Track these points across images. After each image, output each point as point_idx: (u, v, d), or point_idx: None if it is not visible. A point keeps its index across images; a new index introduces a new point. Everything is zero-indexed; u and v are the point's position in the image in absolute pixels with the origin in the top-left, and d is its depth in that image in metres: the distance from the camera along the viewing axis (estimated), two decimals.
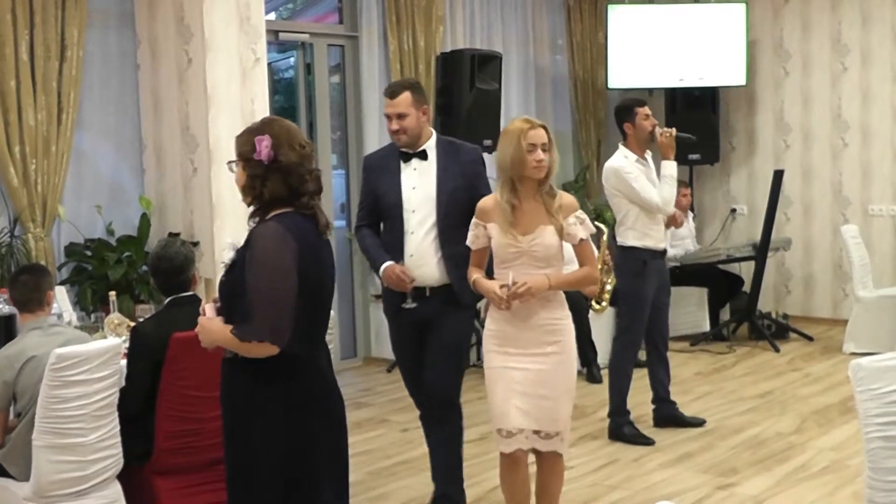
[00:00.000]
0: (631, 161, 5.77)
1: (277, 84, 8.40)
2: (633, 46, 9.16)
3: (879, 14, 8.80)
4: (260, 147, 3.02)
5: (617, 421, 5.94)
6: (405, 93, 4.54)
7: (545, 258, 4.01)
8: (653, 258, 5.78)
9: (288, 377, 3.02)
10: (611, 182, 5.79)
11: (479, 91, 7.61)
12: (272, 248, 2.97)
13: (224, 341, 3.01)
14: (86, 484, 4.04)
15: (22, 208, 5.85)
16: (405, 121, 4.52)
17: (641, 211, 5.71)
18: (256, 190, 3.05)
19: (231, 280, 3.04)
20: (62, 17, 5.94)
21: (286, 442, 3.03)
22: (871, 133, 8.94)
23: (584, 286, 4.38)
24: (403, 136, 4.54)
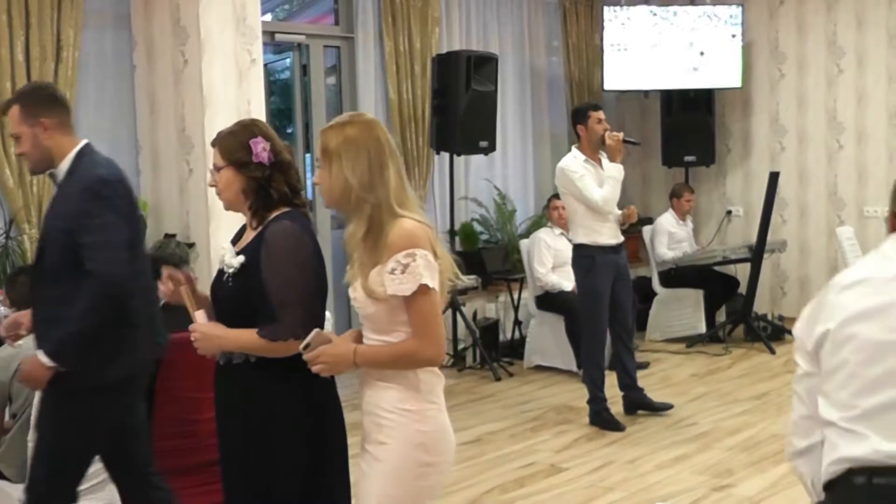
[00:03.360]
0: (579, 161, 6.12)
1: (273, 85, 8.40)
2: (629, 48, 9.17)
3: (874, 16, 8.82)
4: (258, 150, 3.01)
5: (593, 407, 6.22)
6: (13, 108, 3.56)
7: (368, 319, 2.80)
8: (602, 254, 6.10)
9: (307, 376, 2.98)
10: (560, 181, 6.18)
11: (475, 92, 7.62)
12: (294, 247, 2.96)
13: (244, 345, 2.94)
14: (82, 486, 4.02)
15: (17, 209, 5.84)
16: (20, 144, 3.57)
17: (588, 209, 6.04)
18: (262, 193, 3.03)
19: (244, 284, 2.97)
20: (58, 17, 5.94)
21: (307, 442, 3.02)
22: (866, 135, 8.95)
23: (403, 368, 2.75)
24: (28, 163, 3.69)
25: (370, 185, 2.71)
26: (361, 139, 2.74)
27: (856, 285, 2.32)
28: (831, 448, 2.24)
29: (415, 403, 2.73)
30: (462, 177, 8.61)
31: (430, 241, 2.72)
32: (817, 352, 2.40)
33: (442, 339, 2.75)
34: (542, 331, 7.82)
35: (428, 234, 2.73)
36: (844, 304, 2.31)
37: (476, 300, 8.17)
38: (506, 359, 7.88)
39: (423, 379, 2.75)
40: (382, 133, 2.79)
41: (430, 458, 2.72)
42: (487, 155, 8.17)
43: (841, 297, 2.33)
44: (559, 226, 7.76)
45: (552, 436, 6.11)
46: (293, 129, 7.99)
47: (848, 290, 2.33)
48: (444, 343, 2.76)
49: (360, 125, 2.78)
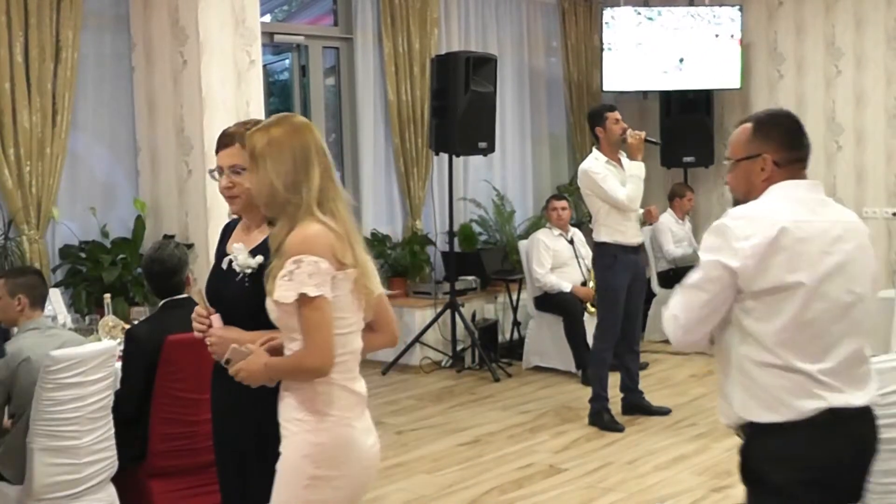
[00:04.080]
0: (601, 162, 6.19)
1: (272, 86, 8.40)
2: (628, 49, 9.17)
3: (873, 17, 8.82)
4: None
5: (594, 406, 6.25)
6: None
7: (276, 325, 2.74)
8: (623, 253, 6.20)
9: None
10: (583, 182, 6.26)
11: (474, 93, 7.62)
12: None
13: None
14: (80, 487, 4.04)
15: (16, 210, 5.84)
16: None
17: (612, 209, 6.15)
18: None
19: (262, 285, 2.79)
20: (57, 18, 5.94)
21: None
22: (865, 136, 8.96)
23: (296, 379, 2.69)
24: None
25: (294, 186, 2.66)
26: (286, 140, 2.69)
27: (812, 240, 2.55)
28: (808, 395, 2.52)
29: (307, 414, 2.66)
30: (461, 178, 8.62)
31: (334, 247, 2.62)
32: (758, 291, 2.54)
33: (327, 349, 2.61)
34: (540, 332, 7.82)
35: (332, 240, 2.63)
36: (812, 261, 2.53)
37: (475, 301, 8.17)
38: (504, 360, 7.88)
39: (319, 391, 2.66)
40: (310, 134, 2.74)
41: (320, 471, 2.64)
42: (486, 156, 8.17)
43: (805, 249, 2.54)
44: (558, 227, 7.76)
45: (551, 436, 6.11)
46: None
47: (805, 242, 2.54)
48: (331, 353, 2.61)
49: (286, 126, 2.73)
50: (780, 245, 2.53)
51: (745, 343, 2.60)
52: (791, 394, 2.54)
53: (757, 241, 2.52)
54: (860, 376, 2.63)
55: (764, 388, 2.57)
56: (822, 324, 2.57)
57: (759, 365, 2.57)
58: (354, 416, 2.70)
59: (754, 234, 2.53)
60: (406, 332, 7.84)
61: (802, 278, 2.53)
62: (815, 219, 2.62)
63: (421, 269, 8.17)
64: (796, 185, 2.69)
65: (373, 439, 2.77)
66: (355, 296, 2.68)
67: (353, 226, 2.72)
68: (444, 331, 7.88)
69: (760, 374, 2.57)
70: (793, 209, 2.61)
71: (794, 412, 2.53)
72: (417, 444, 6.01)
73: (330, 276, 2.60)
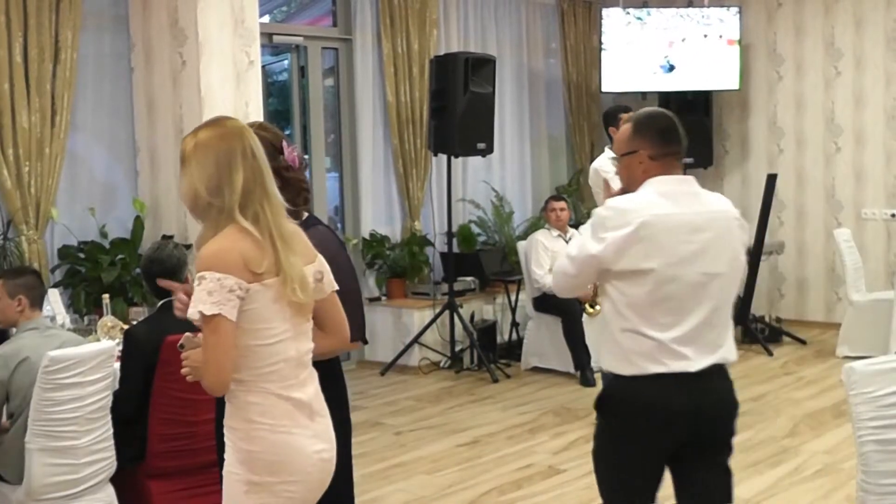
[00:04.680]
0: (612, 161, 6.00)
1: (271, 87, 8.40)
2: (627, 50, 9.17)
3: (872, 18, 8.83)
4: (288, 152, 3.01)
5: None
6: None
7: None
8: None
9: (339, 375, 3.08)
10: (593, 180, 6.15)
11: (473, 94, 7.62)
12: (338, 250, 3.01)
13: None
14: (79, 487, 4.03)
15: (15, 210, 5.83)
16: None
17: None
18: (301, 196, 3.03)
19: None
20: (56, 19, 5.93)
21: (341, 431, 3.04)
22: (864, 137, 8.96)
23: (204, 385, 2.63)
24: None
25: (217, 190, 2.61)
26: (211, 144, 2.64)
27: (670, 231, 2.96)
28: (653, 359, 2.96)
29: (240, 423, 2.66)
30: (460, 178, 8.62)
31: (246, 259, 2.57)
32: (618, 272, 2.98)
33: (218, 370, 2.55)
34: (539, 332, 7.82)
35: (244, 251, 2.57)
36: (666, 249, 2.95)
37: (473, 302, 8.17)
38: (503, 360, 7.88)
39: (251, 400, 2.64)
40: (240, 139, 2.66)
41: (258, 477, 2.63)
42: (485, 157, 8.17)
43: (663, 239, 2.95)
44: (557, 227, 7.76)
45: (550, 437, 6.11)
46: (291, 131, 7.99)
47: (663, 233, 2.95)
48: (223, 375, 2.56)
49: (215, 130, 2.68)
50: (638, 236, 2.94)
51: (612, 309, 3.04)
52: (643, 356, 2.97)
53: (618, 234, 2.95)
54: (712, 340, 3.04)
55: (622, 347, 3.02)
56: (674, 301, 2.97)
57: (620, 329, 3.01)
58: (293, 423, 2.66)
59: (618, 226, 2.95)
60: (405, 332, 7.84)
61: (654, 265, 2.94)
62: (676, 211, 3.01)
63: (420, 270, 8.17)
64: (667, 180, 3.07)
65: (321, 445, 2.72)
66: (282, 304, 2.63)
67: (285, 231, 2.66)
68: (443, 331, 7.88)
69: (621, 337, 3.02)
70: (659, 203, 3.00)
71: (640, 370, 2.98)
72: (416, 445, 6.01)
73: (236, 293, 2.54)
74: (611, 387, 3.11)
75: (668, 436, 3.04)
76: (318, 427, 2.72)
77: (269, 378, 2.64)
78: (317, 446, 2.70)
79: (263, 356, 2.63)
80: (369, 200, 8.14)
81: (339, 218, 8.27)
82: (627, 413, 3.04)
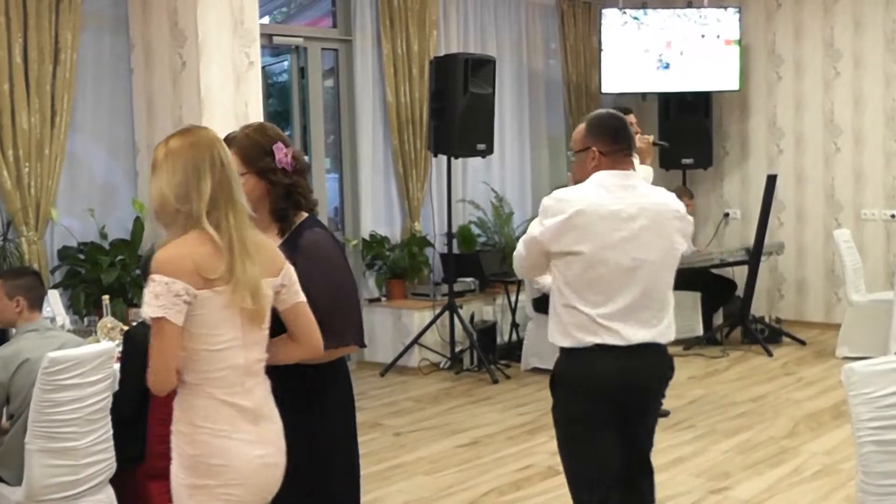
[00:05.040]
0: None
1: (271, 88, 8.40)
2: (627, 51, 9.18)
3: (872, 19, 8.83)
4: (280, 155, 3.01)
5: None
6: None
7: None
8: None
9: (346, 376, 3.11)
10: None
11: (473, 95, 7.62)
12: (334, 252, 3.02)
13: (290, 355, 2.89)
14: (78, 488, 4.04)
15: (15, 211, 5.84)
16: None
17: None
18: (291, 200, 3.04)
19: None
20: (56, 20, 5.94)
21: (348, 431, 3.14)
22: (864, 138, 8.96)
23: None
24: None
25: (184, 197, 2.66)
26: (181, 152, 2.69)
27: (603, 219, 3.31)
28: (587, 331, 3.34)
29: (184, 426, 2.70)
30: (459, 179, 8.62)
31: (199, 266, 2.61)
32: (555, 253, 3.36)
33: (160, 374, 2.62)
34: (539, 333, 7.81)
35: (198, 258, 2.62)
36: (597, 235, 3.31)
37: (473, 303, 8.18)
38: (503, 361, 7.88)
39: (195, 404, 2.68)
40: (209, 148, 2.70)
41: (199, 480, 2.68)
42: (485, 157, 8.17)
43: (595, 226, 3.31)
44: None
45: (549, 438, 6.08)
46: (291, 132, 7.99)
47: (595, 221, 3.31)
48: (165, 378, 2.63)
49: (185, 139, 2.72)
50: (572, 223, 3.31)
51: (554, 287, 3.43)
52: (577, 328, 3.36)
53: (556, 220, 3.33)
54: (646, 320, 3.38)
55: (561, 320, 3.41)
56: (604, 282, 3.32)
57: (560, 304, 3.40)
58: (234, 428, 2.69)
59: (556, 213, 3.34)
60: (405, 333, 7.85)
61: (585, 248, 3.30)
62: (610, 202, 3.35)
63: (419, 271, 8.17)
64: (609, 174, 3.41)
65: (263, 450, 2.74)
66: (233, 311, 2.66)
67: (247, 240, 2.69)
68: (443, 332, 7.88)
69: (562, 311, 3.40)
70: (596, 193, 3.36)
71: (577, 342, 3.36)
72: (416, 446, 6.01)
73: (182, 298, 2.58)
74: (562, 361, 3.48)
75: (603, 399, 3.39)
76: (262, 432, 2.74)
77: (214, 383, 2.68)
78: (258, 451, 2.72)
79: (210, 361, 2.67)
80: (369, 201, 8.14)
81: (339, 219, 8.27)
82: (571, 379, 3.43)
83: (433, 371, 7.80)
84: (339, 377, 3.11)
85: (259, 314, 2.70)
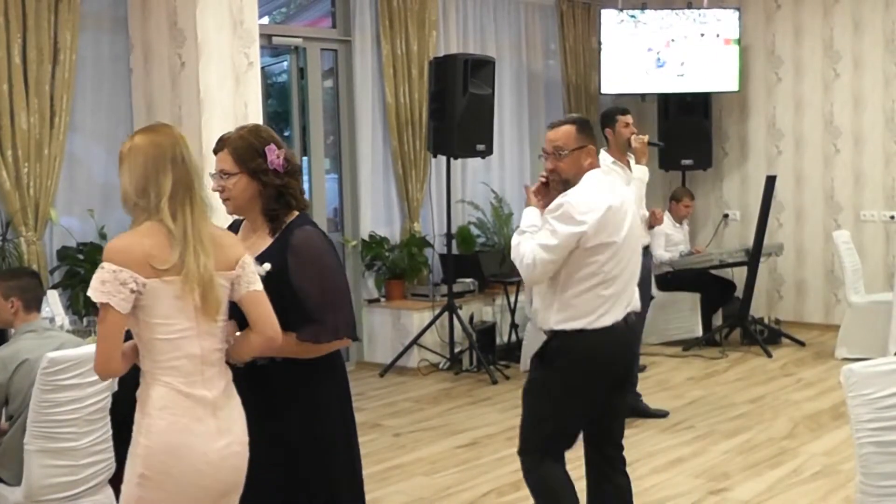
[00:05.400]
0: (607, 163, 6.08)
1: (270, 88, 8.40)
2: (626, 51, 9.18)
3: (871, 20, 8.83)
4: (272, 157, 3.05)
5: None
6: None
7: None
8: None
9: (341, 368, 3.16)
10: None
11: (473, 96, 7.62)
12: (325, 249, 3.07)
13: (280, 349, 2.95)
14: (78, 488, 4.04)
15: (14, 212, 5.83)
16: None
17: None
18: (282, 200, 3.08)
19: (272, 290, 2.92)
20: (55, 20, 5.93)
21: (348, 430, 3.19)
22: (863, 139, 8.96)
23: None
24: None
25: (143, 192, 2.73)
26: (143, 148, 2.76)
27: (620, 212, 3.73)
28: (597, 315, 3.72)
29: (141, 416, 2.75)
30: (459, 180, 8.62)
31: (150, 256, 2.68)
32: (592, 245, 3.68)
33: (103, 359, 2.69)
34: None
35: (148, 248, 2.68)
36: (619, 227, 3.71)
37: (473, 303, 8.18)
38: (502, 362, 7.88)
39: (151, 394, 2.73)
40: (173, 145, 2.79)
41: (148, 471, 2.71)
42: (484, 158, 8.17)
43: (616, 219, 3.71)
44: None
45: None
46: (290, 133, 7.99)
47: (617, 213, 3.71)
48: (108, 364, 2.70)
49: (149, 136, 2.80)
50: (607, 218, 3.67)
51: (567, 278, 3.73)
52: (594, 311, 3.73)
53: (595, 216, 3.65)
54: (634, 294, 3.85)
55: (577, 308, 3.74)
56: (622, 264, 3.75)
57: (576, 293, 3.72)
58: (192, 419, 2.73)
59: (592, 210, 3.66)
60: (404, 334, 7.85)
61: (617, 238, 3.70)
62: (623, 195, 3.85)
63: (419, 272, 8.17)
64: (599, 172, 3.84)
65: (222, 443, 2.78)
66: (186, 302, 2.71)
67: (203, 234, 2.75)
68: (442, 333, 7.88)
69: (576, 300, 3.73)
70: (610, 189, 3.81)
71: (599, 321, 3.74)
72: (415, 446, 6.01)
73: (129, 286, 2.64)
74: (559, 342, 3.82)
75: (610, 372, 3.83)
76: (221, 423, 2.78)
77: (170, 373, 2.73)
78: (219, 442, 2.77)
79: (165, 350, 2.72)
80: (368, 202, 8.14)
81: (339, 219, 8.27)
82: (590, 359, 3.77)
83: (432, 372, 7.80)
84: (335, 372, 3.15)
85: (212, 305, 2.75)
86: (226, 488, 2.82)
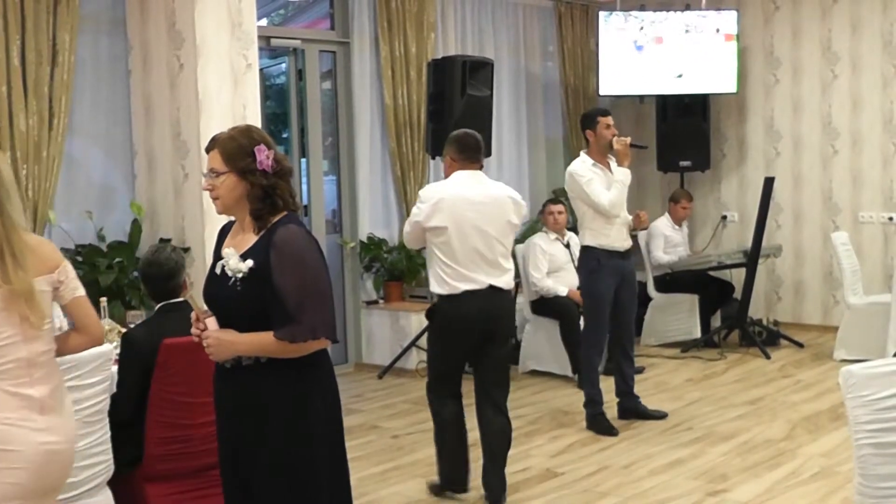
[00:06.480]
0: (587, 165, 6.17)
1: (269, 90, 8.40)
2: (624, 53, 9.18)
3: (869, 22, 8.84)
4: (261, 157, 3.05)
5: (589, 411, 6.27)
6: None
7: None
8: (608, 258, 6.16)
9: (328, 370, 3.16)
10: (569, 185, 6.26)
11: (471, 97, 7.62)
12: (307, 248, 3.05)
13: (262, 348, 3.00)
14: (76, 490, 4.02)
15: None
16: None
17: (596, 213, 6.10)
18: (268, 200, 3.08)
19: (253, 288, 3.00)
20: (54, 22, 5.93)
21: (333, 433, 3.17)
22: (861, 140, 8.97)
23: None
24: None
25: None
26: None
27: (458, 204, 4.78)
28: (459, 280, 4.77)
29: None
30: None
31: None
32: (429, 227, 4.80)
33: None
34: (537, 336, 7.82)
35: None
36: (455, 214, 4.76)
37: None
38: None
39: None
40: None
41: None
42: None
43: (452, 208, 4.77)
44: (554, 231, 7.77)
45: (547, 440, 6.11)
46: (289, 134, 7.99)
47: (455, 205, 4.77)
48: None
49: None
50: (438, 207, 4.77)
51: (430, 251, 4.85)
52: (451, 278, 4.78)
53: (428, 204, 4.79)
54: (490, 272, 4.80)
55: (438, 275, 4.81)
56: (460, 246, 4.75)
57: (436, 264, 4.81)
58: (20, 416, 2.97)
59: (427, 200, 4.81)
60: (402, 335, 7.84)
61: (447, 224, 4.74)
62: (463, 192, 4.83)
63: (417, 273, 8.17)
64: (462, 173, 4.94)
65: (49, 438, 3.01)
66: (11, 311, 2.96)
67: (16, 247, 3.00)
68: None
69: (437, 268, 4.82)
70: (453, 187, 4.88)
71: (452, 289, 4.78)
72: (413, 448, 6.00)
73: None
74: (437, 303, 4.89)
75: (472, 330, 4.80)
76: (49, 421, 3.02)
77: (1, 376, 2.97)
78: (43, 438, 2.99)
79: None
80: (367, 203, 8.14)
81: (337, 221, 8.26)
82: (448, 318, 4.83)
83: None
84: (321, 373, 3.14)
85: (36, 313, 3.00)
86: (45, 486, 3.01)
